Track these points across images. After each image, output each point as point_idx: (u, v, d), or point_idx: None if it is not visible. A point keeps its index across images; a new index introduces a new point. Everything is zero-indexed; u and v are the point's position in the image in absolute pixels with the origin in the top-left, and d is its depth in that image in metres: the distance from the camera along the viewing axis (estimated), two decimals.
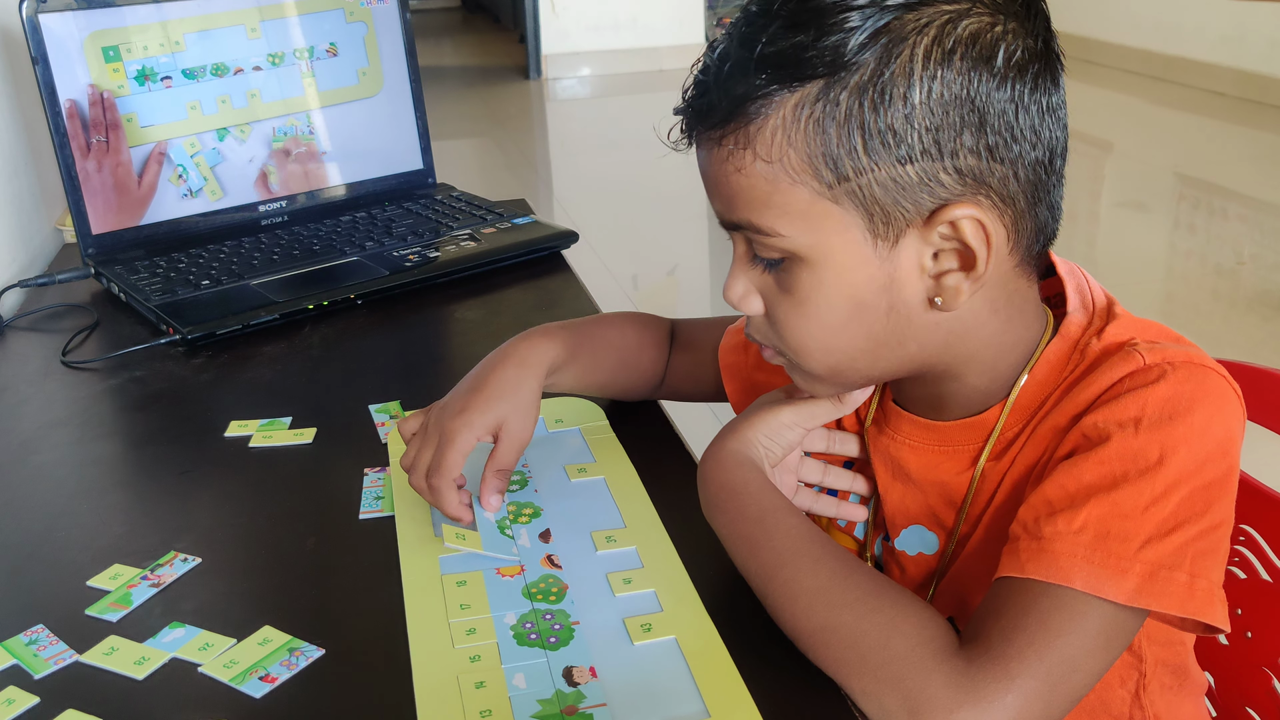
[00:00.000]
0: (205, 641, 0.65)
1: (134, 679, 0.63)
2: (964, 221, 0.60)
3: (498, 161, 4.69)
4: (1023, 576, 0.59)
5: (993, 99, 0.58)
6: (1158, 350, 0.62)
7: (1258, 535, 0.82)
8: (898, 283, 0.62)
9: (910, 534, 0.73)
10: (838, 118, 0.58)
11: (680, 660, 0.61)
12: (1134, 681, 0.70)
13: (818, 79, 0.58)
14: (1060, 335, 0.66)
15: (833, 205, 0.60)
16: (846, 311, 0.63)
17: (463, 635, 0.64)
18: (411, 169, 1.45)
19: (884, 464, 0.74)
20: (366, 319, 1.14)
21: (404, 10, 1.41)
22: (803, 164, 0.59)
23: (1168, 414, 0.59)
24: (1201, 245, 3.36)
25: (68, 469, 0.87)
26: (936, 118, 0.58)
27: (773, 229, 0.61)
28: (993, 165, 0.59)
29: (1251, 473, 0.82)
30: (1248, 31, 4.93)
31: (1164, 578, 0.57)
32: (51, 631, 0.67)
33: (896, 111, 0.57)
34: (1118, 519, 0.58)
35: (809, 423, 0.72)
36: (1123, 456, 0.59)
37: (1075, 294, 0.68)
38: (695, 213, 3.89)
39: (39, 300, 1.22)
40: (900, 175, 0.59)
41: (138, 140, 1.25)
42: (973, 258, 0.61)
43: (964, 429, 0.69)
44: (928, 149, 0.58)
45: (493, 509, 0.75)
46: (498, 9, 8.62)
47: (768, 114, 0.59)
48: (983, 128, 0.58)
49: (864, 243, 0.61)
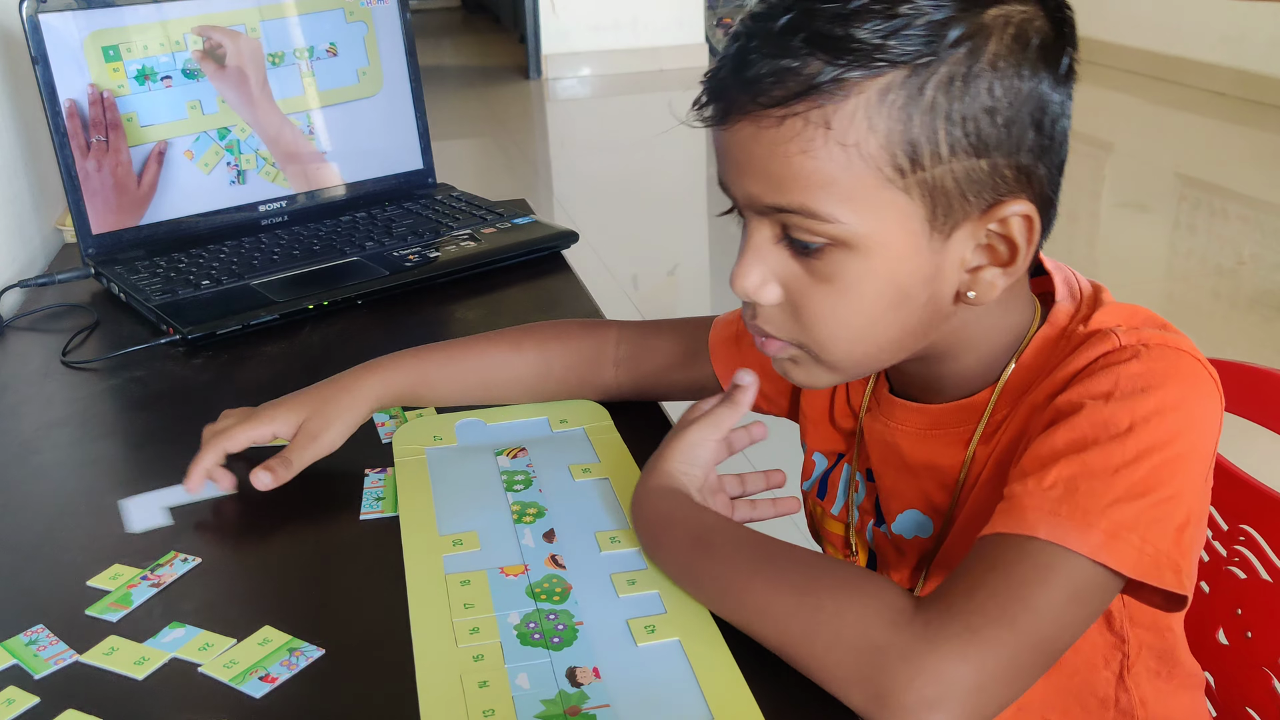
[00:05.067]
0: (205, 641, 0.65)
1: (134, 679, 0.63)
2: (1015, 218, 0.61)
3: (498, 161, 4.69)
4: (991, 533, 0.59)
5: (1051, 100, 0.60)
6: (1135, 333, 0.63)
7: (1258, 535, 0.82)
8: (940, 275, 0.62)
9: (906, 518, 0.74)
10: (923, 105, 0.57)
11: (684, 662, 0.61)
12: (1118, 662, 0.70)
13: (905, 65, 0.57)
14: (1049, 321, 0.67)
15: (900, 194, 0.59)
16: (890, 302, 0.62)
17: (466, 634, 0.64)
18: (411, 169, 1.45)
19: (878, 451, 0.74)
20: (366, 319, 1.14)
21: (404, 10, 1.41)
22: (880, 149, 0.58)
23: (1139, 387, 0.60)
24: (1202, 245, 3.36)
25: (68, 469, 0.87)
26: (1012, 114, 0.58)
27: (830, 214, 0.60)
28: (1038, 164, 0.61)
29: (1251, 472, 0.82)
30: (1248, 31, 4.93)
31: (1123, 538, 0.57)
32: (51, 631, 0.66)
33: (981, 105, 0.58)
34: (1086, 477, 0.58)
35: (716, 433, 0.73)
36: (1093, 423, 0.59)
37: (1063, 285, 0.69)
38: (695, 212, 3.89)
39: (39, 300, 1.22)
40: (974, 168, 0.59)
41: (138, 140, 1.25)
42: (1012, 255, 0.62)
43: (956, 411, 0.69)
44: (1001, 143, 0.59)
45: (262, 486, 0.78)
46: (498, 9, 8.62)
47: (847, 95, 0.57)
48: (1040, 127, 0.60)
49: (921, 233, 0.60)
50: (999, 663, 0.55)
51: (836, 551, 0.82)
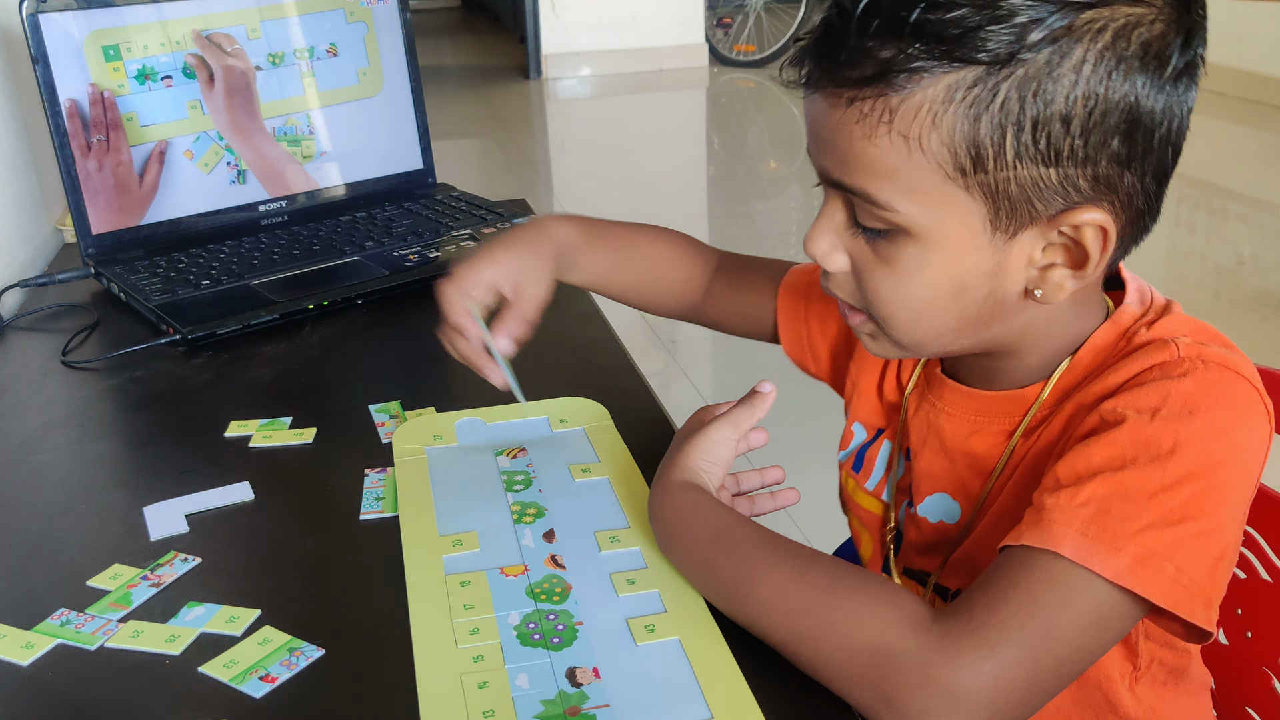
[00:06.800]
0: (231, 615, 0.65)
1: (134, 678, 0.63)
2: (1088, 227, 0.59)
3: (498, 161, 4.69)
4: (1017, 544, 0.57)
5: (1147, 108, 0.57)
6: (1196, 347, 0.61)
7: (1258, 535, 0.82)
8: (1004, 271, 0.61)
9: (934, 501, 0.73)
10: (993, 108, 0.55)
11: (684, 662, 0.61)
12: (1129, 675, 0.70)
13: (980, 64, 0.55)
14: (1111, 321, 0.66)
15: (960, 191, 0.58)
16: (947, 292, 0.62)
17: (466, 635, 0.64)
18: (411, 169, 1.45)
19: (919, 430, 0.74)
20: (366, 319, 1.14)
21: (404, 10, 1.41)
22: (942, 147, 0.57)
23: (1188, 409, 0.58)
24: (1202, 245, 3.36)
25: (68, 469, 0.87)
26: (1092, 123, 0.56)
27: (889, 203, 0.59)
28: (1125, 173, 0.58)
29: None
30: (1248, 31, 4.93)
31: (1154, 565, 0.55)
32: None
33: (1056, 112, 0.55)
34: (1120, 499, 0.56)
35: (736, 432, 0.73)
36: (1135, 441, 0.58)
37: (1135, 291, 0.68)
38: (696, 212, 3.89)
39: (39, 300, 1.22)
40: (1041, 176, 0.57)
41: (138, 139, 1.25)
42: (1085, 258, 0.60)
43: (1004, 400, 0.69)
44: (1075, 153, 0.56)
45: (504, 351, 0.80)
46: (498, 9, 8.62)
47: (915, 88, 0.56)
48: (1130, 135, 0.57)
49: (982, 231, 0.59)
50: (1013, 682, 0.54)
51: (862, 527, 0.81)
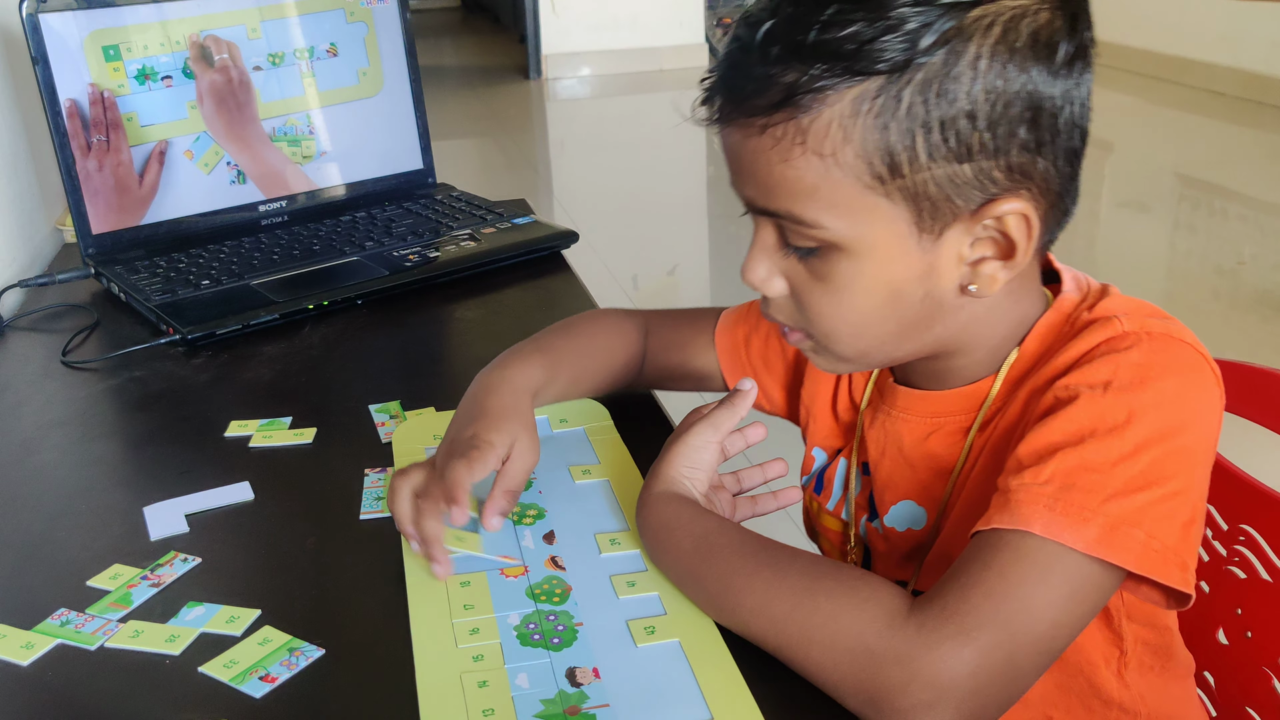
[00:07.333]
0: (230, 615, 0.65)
1: (134, 678, 0.63)
2: (1010, 216, 0.60)
3: (498, 161, 4.69)
4: (986, 528, 0.58)
5: (1046, 94, 0.58)
6: (1138, 319, 0.63)
7: (1258, 535, 0.82)
8: (936, 271, 0.62)
9: (899, 509, 0.74)
10: (899, 115, 0.57)
11: (684, 663, 0.61)
12: (1116, 660, 0.70)
13: (880, 74, 0.56)
14: (1053, 308, 0.68)
15: (882, 199, 0.59)
16: (882, 300, 0.63)
17: (466, 635, 0.64)
18: (411, 169, 1.45)
19: (877, 441, 0.74)
20: (366, 319, 1.14)
21: (404, 10, 1.41)
22: (857, 159, 0.58)
23: (1138, 379, 0.60)
24: (1202, 245, 3.36)
25: (68, 469, 0.87)
26: (996, 115, 0.57)
27: (815, 220, 0.60)
28: (1037, 159, 0.60)
29: (1251, 472, 0.82)
30: (1248, 31, 4.93)
31: (1124, 533, 0.56)
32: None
33: (960, 110, 0.57)
34: (1084, 472, 0.57)
35: (718, 434, 0.73)
36: (1091, 415, 0.59)
37: (1071, 280, 0.69)
38: (695, 212, 3.89)
39: (39, 300, 1.22)
40: (956, 173, 0.58)
41: (138, 139, 1.25)
42: (1012, 247, 0.61)
43: (958, 397, 0.70)
44: (985, 146, 0.58)
45: (494, 529, 0.72)
46: (498, 9, 8.62)
47: (822, 107, 0.57)
48: (1035, 123, 0.59)
49: (909, 235, 0.60)
50: (995, 665, 0.54)
51: (832, 548, 0.82)
